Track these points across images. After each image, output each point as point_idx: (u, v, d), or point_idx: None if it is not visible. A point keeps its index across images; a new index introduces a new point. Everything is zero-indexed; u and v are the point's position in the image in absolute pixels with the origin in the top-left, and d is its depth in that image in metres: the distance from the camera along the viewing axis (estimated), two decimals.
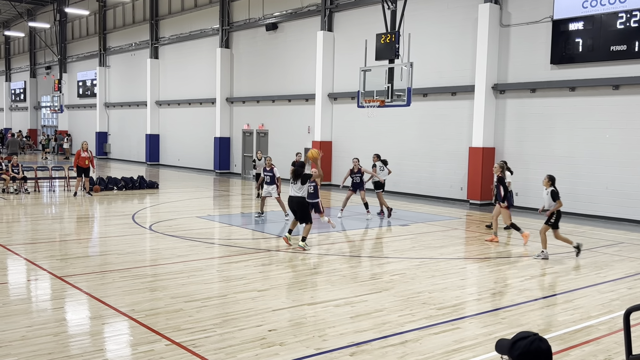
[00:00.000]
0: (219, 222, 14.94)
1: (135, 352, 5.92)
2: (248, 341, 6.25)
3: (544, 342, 2.72)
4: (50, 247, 11.37)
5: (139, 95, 36.57)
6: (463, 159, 19.24)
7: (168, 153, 34.61)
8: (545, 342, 2.72)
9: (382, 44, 16.50)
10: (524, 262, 10.66)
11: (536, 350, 2.70)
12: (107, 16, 39.38)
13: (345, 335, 6.52)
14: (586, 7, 16.23)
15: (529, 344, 2.70)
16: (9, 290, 8.26)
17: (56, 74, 45.45)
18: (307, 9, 24.75)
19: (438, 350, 6.15)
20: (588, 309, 7.76)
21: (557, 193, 11.04)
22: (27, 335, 6.29)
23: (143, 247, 11.67)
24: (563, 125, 17.05)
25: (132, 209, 16.70)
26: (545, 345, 2.72)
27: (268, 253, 11.09)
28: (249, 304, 7.60)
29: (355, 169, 15.81)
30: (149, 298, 7.82)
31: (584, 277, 9.59)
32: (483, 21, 18.25)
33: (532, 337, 2.74)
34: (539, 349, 2.70)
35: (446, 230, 14.18)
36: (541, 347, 2.71)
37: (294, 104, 25.91)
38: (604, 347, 6.36)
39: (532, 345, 2.70)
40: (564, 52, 16.76)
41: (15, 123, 54.17)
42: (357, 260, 10.79)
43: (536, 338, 2.73)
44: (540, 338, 2.74)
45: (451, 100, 19.77)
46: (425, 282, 9.03)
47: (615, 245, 12.64)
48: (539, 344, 2.70)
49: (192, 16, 31.73)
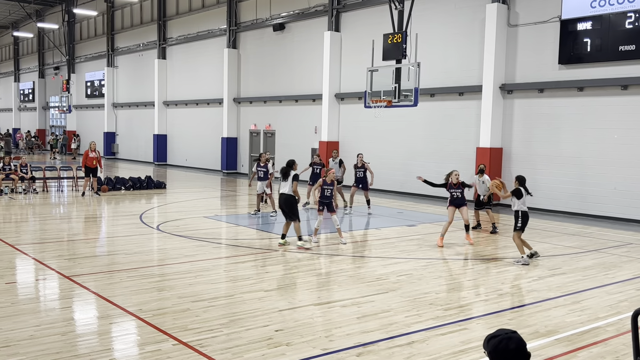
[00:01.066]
0: (226, 222, 14.97)
1: (143, 352, 5.94)
2: (255, 341, 6.26)
3: (513, 341, 2.72)
4: (58, 246, 11.43)
5: (146, 95, 36.69)
6: (470, 160, 19.18)
7: (175, 153, 34.70)
8: (514, 342, 2.72)
9: (389, 44, 16.48)
10: (531, 263, 10.60)
11: (503, 350, 2.71)
12: (115, 17, 39.53)
13: (351, 335, 6.52)
14: (594, 7, 16.15)
15: (497, 343, 2.73)
16: (18, 289, 8.31)
17: (64, 74, 45.65)
18: (314, 9, 24.76)
19: (445, 351, 6.14)
20: (596, 310, 7.73)
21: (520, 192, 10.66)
22: (35, 335, 6.32)
23: (150, 247, 11.71)
24: (571, 126, 16.97)
25: (140, 209, 16.76)
26: (514, 345, 2.72)
27: (275, 253, 11.10)
28: (256, 304, 7.61)
29: (359, 164, 16.21)
30: (156, 298, 7.85)
31: (592, 278, 9.54)
32: (490, 21, 18.20)
33: (503, 336, 2.76)
34: (506, 349, 2.71)
35: (453, 231, 14.13)
36: (508, 347, 2.71)
37: (301, 104, 25.92)
38: (612, 349, 6.33)
39: (500, 344, 2.72)
40: (572, 52, 16.68)
41: (24, 123, 54.47)
42: (363, 261, 10.78)
43: (505, 337, 2.73)
44: (509, 337, 2.73)
45: (458, 100, 19.72)
46: (432, 283, 9.01)
47: (624, 246, 12.58)
48: (506, 343, 2.71)
49: (199, 17, 31.80)
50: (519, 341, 2.73)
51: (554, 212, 17.18)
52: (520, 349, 2.72)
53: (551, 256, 11.27)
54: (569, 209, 16.96)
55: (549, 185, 17.40)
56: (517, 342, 2.72)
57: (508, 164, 18.42)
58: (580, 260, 10.99)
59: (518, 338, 2.74)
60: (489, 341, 2.77)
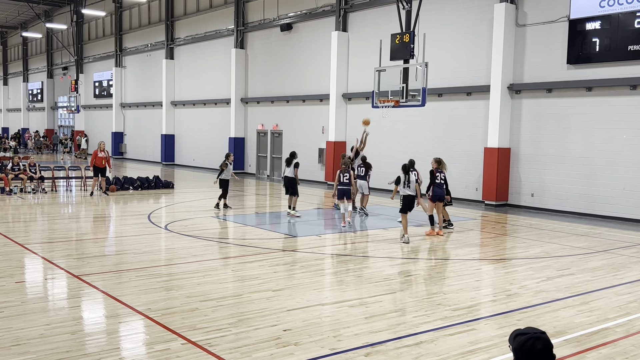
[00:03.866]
0: (233, 222, 15.00)
1: (151, 351, 5.97)
2: (263, 341, 6.27)
3: (540, 341, 2.70)
4: (67, 246, 11.49)
5: (154, 95, 36.82)
6: (478, 160, 19.14)
7: (183, 153, 34.80)
8: (542, 342, 2.70)
9: (397, 44, 16.46)
10: (540, 263, 10.58)
11: (529, 348, 2.70)
12: (123, 17, 39.68)
13: (359, 335, 6.52)
14: (603, 7, 16.08)
15: (525, 341, 2.71)
16: (27, 289, 8.36)
17: (73, 74, 45.89)
18: (322, 9, 24.77)
19: (453, 351, 6.13)
20: (605, 311, 7.69)
21: (399, 179, 12.63)
22: (45, 334, 6.36)
23: (159, 247, 11.75)
24: (580, 126, 16.90)
25: (148, 208, 16.82)
26: (541, 345, 2.70)
27: (282, 253, 11.12)
28: (264, 304, 7.62)
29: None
30: (165, 297, 7.87)
31: (601, 279, 9.50)
32: (499, 21, 18.15)
33: (531, 334, 2.73)
34: (533, 348, 2.69)
35: (461, 231, 14.12)
36: (535, 347, 2.69)
37: (308, 104, 25.93)
38: (621, 350, 6.31)
39: (527, 342, 2.70)
40: (581, 51, 16.61)
41: (33, 123, 54.78)
42: (371, 261, 10.78)
43: (534, 337, 2.71)
44: (538, 337, 2.71)
45: (466, 100, 19.68)
46: (440, 283, 9.00)
47: (633, 246, 12.51)
48: (533, 342, 2.69)
49: (207, 17, 31.88)
50: (546, 342, 2.71)
51: (563, 212, 17.12)
52: (547, 350, 2.70)
53: (560, 257, 11.23)
54: (578, 209, 16.89)
55: (558, 186, 17.34)
56: (545, 343, 2.70)
57: (516, 164, 18.36)
58: (589, 260, 10.94)
59: (546, 339, 2.72)
60: (516, 337, 2.75)
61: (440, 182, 13.53)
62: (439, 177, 13.54)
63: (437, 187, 13.48)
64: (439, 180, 13.52)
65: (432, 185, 13.55)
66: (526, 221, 15.80)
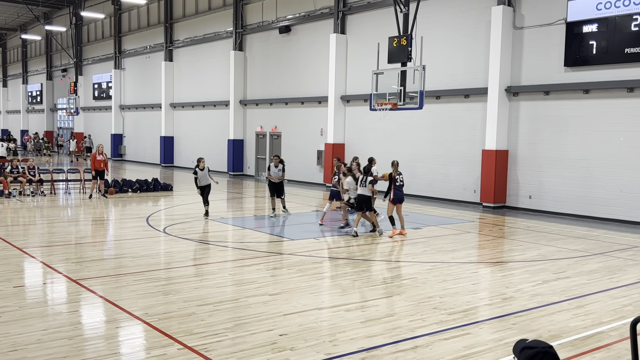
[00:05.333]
0: (232, 224, 15.04)
1: (149, 356, 6.01)
2: (259, 345, 6.31)
3: (548, 356, 2.70)
4: (66, 250, 11.52)
5: (153, 97, 36.86)
6: (476, 162, 19.19)
7: (182, 155, 34.84)
8: (549, 358, 2.70)
9: (395, 46, 16.51)
10: (537, 266, 10.63)
11: None
12: (122, 19, 39.73)
13: (355, 340, 6.56)
14: (600, 9, 16.13)
15: (532, 355, 2.69)
16: (25, 293, 8.40)
17: (72, 76, 45.90)
18: (320, 11, 24.82)
19: (449, 355, 6.17)
20: (600, 315, 7.74)
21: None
22: (43, 339, 6.40)
23: (157, 250, 11.79)
24: (577, 128, 16.95)
25: (147, 211, 16.86)
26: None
27: (280, 257, 11.16)
28: (261, 308, 7.66)
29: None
30: (162, 302, 7.91)
31: (596, 282, 9.54)
32: (496, 24, 18.19)
33: (539, 349, 2.70)
34: None
35: (459, 233, 14.16)
36: None
37: (307, 106, 25.97)
38: (615, 354, 6.35)
39: (534, 357, 2.69)
40: (578, 54, 16.66)
41: (32, 125, 54.82)
42: (368, 264, 10.82)
43: (541, 351, 2.70)
44: (546, 352, 2.69)
45: (464, 102, 19.72)
46: (437, 287, 9.04)
47: (630, 249, 12.56)
48: (541, 358, 2.69)
49: (206, 19, 31.93)
50: (555, 357, 2.70)
51: (560, 214, 17.17)
52: None
53: (556, 259, 11.27)
54: (575, 211, 16.93)
55: (555, 188, 17.38)
56: (553, 358, 2.70)
57: (514, 166, 18.41)
58: (585, 263, 10.98)
59: (554, 354, 2.70)
60: (522, 351, 2.72)
61: (399, 184, 13.79)
62: (399, 179, 13.81)
63: (397, 189, 13.76)
64: (399, 183, 13.74)
65: (391, 187, 13.78)
66: (524, 223, 15.85)
